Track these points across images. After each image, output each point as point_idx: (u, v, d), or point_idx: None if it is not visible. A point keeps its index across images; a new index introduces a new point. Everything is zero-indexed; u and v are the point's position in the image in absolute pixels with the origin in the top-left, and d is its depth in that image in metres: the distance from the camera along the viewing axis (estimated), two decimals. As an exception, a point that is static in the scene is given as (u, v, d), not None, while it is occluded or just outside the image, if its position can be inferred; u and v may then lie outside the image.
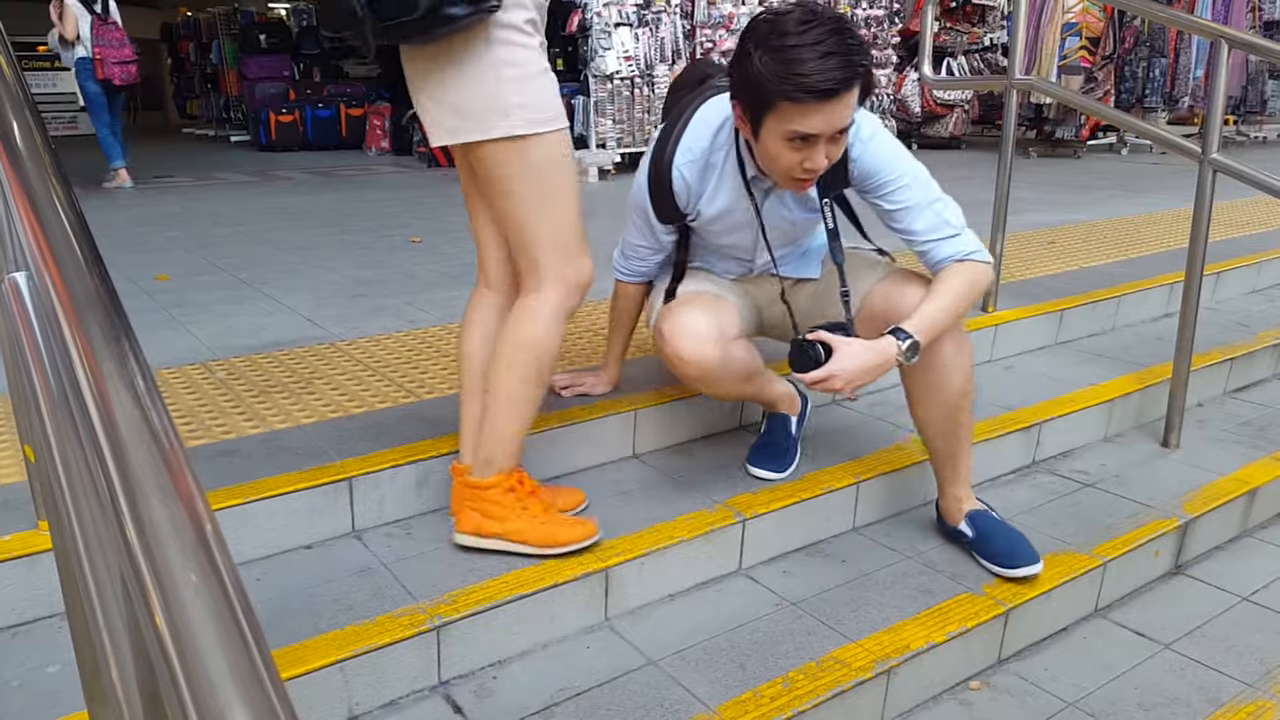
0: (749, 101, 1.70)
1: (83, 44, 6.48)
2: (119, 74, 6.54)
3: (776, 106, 1.65)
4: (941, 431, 1.99)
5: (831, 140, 1.69)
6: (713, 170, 1.93)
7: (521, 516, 1.78)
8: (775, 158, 1.73)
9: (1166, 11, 3.43)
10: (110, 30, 6.53)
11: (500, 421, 1.75)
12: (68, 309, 0.55)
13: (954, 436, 2.00)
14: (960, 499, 2.05)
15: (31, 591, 1.59)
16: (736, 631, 1.79)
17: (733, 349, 1.94)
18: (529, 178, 1.63)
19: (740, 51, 1.68)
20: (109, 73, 6.50)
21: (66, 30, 6.42)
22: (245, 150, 10.06)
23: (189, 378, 2.38)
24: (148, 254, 4.09)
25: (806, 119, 1.64)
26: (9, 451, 1.94)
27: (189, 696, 0.36)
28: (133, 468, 0.45)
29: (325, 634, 1.57)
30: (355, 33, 1.51)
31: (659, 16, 6.99)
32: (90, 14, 6.50)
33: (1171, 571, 2.28)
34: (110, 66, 6.49)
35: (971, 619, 1.83)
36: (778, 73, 1.60)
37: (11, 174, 0.68)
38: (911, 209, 1.88)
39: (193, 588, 0.40)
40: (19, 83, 0.84)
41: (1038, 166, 7.57)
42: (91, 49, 6.47)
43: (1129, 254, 3.96)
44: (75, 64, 6.57)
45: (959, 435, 2.00)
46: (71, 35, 6.43)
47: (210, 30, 12.49)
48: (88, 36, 6.46)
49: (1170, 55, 8.26)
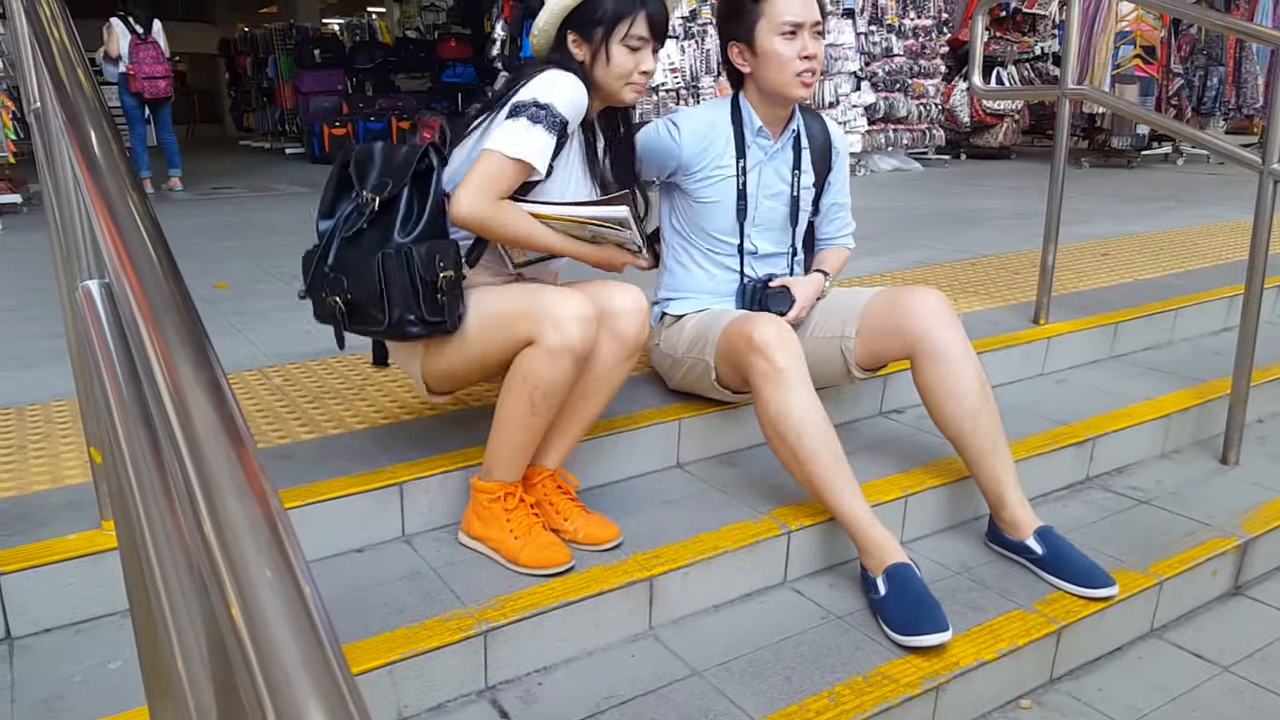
0: (743, 25, 2.07)
1: (122, 61, 7.05)
2: (148, 88, 7.09)
3: (764, 12, 2.03)
4: (980, 435, 2.00)
5: (813, 34, 2.04)
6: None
7: (502, 528, 1.82)
8: (778, 58, 2.05)
9: (1224, 19, 3.38)
10: (148, 49, 7.10)
11: (496, 435, 1.83)
12: (145, 313, 0.57)
13: (992, 438, 2.01)
14: (1022, 510, 2.02)
15: (94, 589, 1.64)
16: (782, 644, 1.78)
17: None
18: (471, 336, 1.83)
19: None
20: (139, 86, 7.07)
21: (110, 48, 7.02)
22: (299, 162, 10.26)
23: (247, 383, 2.43)
24: (207, 262, 4.19)
25: (790, 7, 2.02)
26: (74, 453, 2.00)
27: (264, 687, 0.38)
28: (210, 466, 0.47)
29: (376, 636, 1.59)
30: (335, 328, 1.83)
31: (705, 29, 7.01)
32: (131, 34, 7.06)
33: (1230, 592, 2.22)
34: (141, 81, 7.05)
35: (1023, 636, 1.80)
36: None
37: (90, 182, 0.71)
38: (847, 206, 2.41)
39: (268, 582, 0.41)
40: (96, 95, 0.87)
41: (1090, 177, 7.45)
42: (127, 65, 7.05)
43: (1186, 266, 3.89)
44: (117, 79, 7.15)
45: (996, 439, 2.01)
46: (115, 53, 7.02)
47: (267, 45, 12.76)
48: (126, 54, 7.04)
49: (1230, 63, 8.09)
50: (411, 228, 1.75)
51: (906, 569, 1.82)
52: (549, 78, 1.80)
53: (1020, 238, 4.36)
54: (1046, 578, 1.97)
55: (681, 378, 2.25)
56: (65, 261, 1.43)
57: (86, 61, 0.97)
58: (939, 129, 8.49)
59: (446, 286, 1.73)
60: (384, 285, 1.72)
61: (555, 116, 1.77)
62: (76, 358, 1.51)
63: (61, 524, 1.71)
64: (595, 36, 1.84)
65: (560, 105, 1.78)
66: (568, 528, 1.88)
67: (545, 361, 1.72)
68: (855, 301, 2.17)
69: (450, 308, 1.75)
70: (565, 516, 1.90)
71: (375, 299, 1.73)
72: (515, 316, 1.76)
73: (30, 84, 1.45)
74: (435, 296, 1.72)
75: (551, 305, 1.72)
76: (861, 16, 7.82)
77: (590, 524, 1.89)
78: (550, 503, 1.92)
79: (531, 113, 1.76)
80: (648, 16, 1.84)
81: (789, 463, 1.92)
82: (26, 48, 1.44)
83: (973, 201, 6.14)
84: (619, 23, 1.83)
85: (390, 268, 1.71)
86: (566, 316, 1.71)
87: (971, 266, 3.82)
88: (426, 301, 1.72)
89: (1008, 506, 2.03)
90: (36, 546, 1.64)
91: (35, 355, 2.71)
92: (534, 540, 1.80)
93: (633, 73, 1.86)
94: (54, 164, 1.35)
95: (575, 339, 1.71)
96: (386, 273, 1.71)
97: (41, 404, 2.30)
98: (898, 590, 1.80)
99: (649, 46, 1.87)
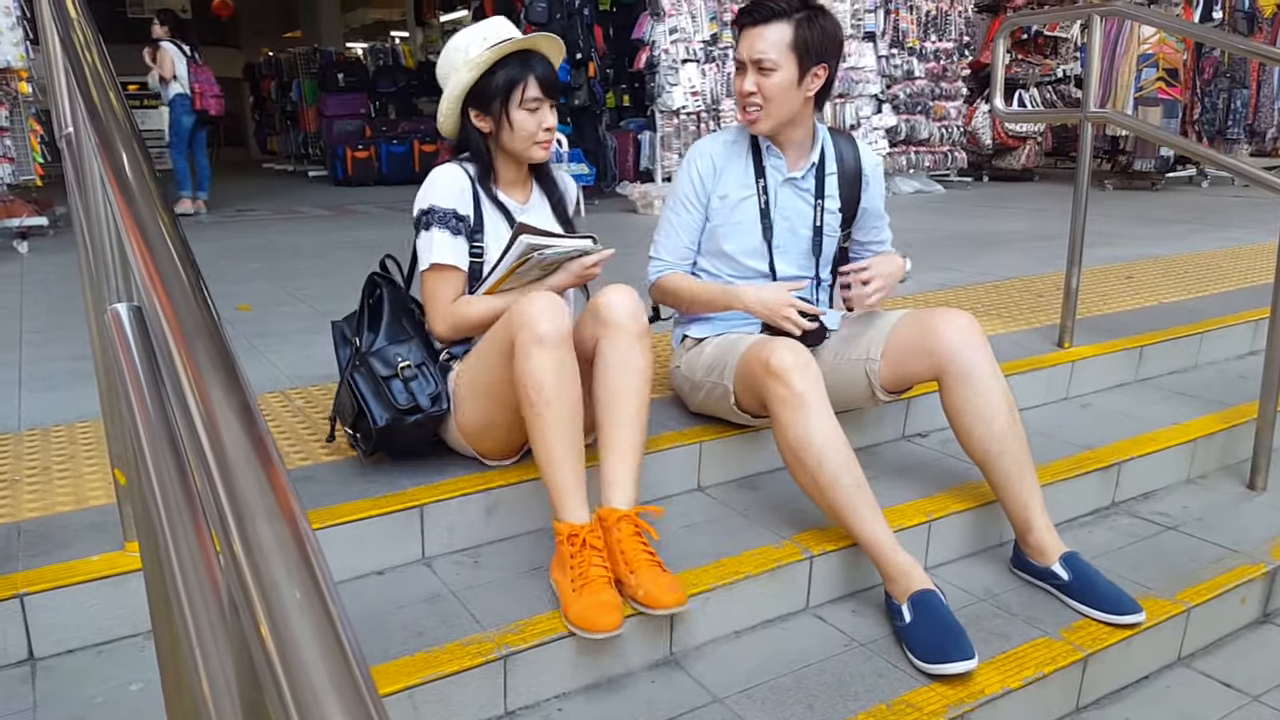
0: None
1: (179, 82, 7.26)
2: (215, 105, 7.39)
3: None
4: (1007, 459, 1.98)
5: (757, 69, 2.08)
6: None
7: (565, 573, 1.74)
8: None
9: (1246, 43, 3.36)
10: (203, 70, 7.38)
11: (537, 459, 1.83)
12: (177, 335, 0.57)
13: (1019, 462, 1.99)
14: (1049, 535, 2.00)
15: (117, 610, 1.65)
16: (804, 671, 1.76)
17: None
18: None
19: None
20: (205, 104, 7.34)
21: (165, 70, 7.20)
22: (322, 185, 10.36)
23: (269, 405, 2.45)
24: (230, 284, 4.23)
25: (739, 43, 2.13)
26: (98, 475, 2.02)
27: (293, 706, 0.38)
28: (240, 487, 0.47)
29: (396, 660, 1.59)
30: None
31: (725, 52, 7.06)
32: (186, 57, 7.29)
33: (1259, 620, 2.19)
34: (207, 99, 7.34)
35: (1048, 664, 1.78)
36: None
37: (124, 206, 0.72)
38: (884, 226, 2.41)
39: (297, 603, 0.41)
40: (128, 118, 0.89)
41: (1114, 199, 7.42)
42: (189, 85, 7.28)
43: (1211, 289, 3.85)
44: (172, 100, 7.33)
45: (1024, 463, 1.99)
46: (169, 75, 7.20)
47: (291, 69, 12.94)
48: (184, 75, 7.27)
49: (1253, 86, 8.05)
50: (371, 342, 2.00)
51: (932, 595, 1.80)
52: (426, 183, 2.05)
53: (1043, 260, 4.34)
54: (1072, 604, 1.95)
55: (701, 401, 2.25)
56: (94, 284, 1.45)
57: (119, 86, 0.98)
58: (961, 151, 8.49)
59: (406, 375, 1.93)
60: (360, 399, 1.93)
61: (440, 212, 2.00)
62: (103, 379, 1.53)
63: (85, 545, 1.72)
64: (494, 108, 2.02)
65: (439, 200, 2.01)
66: (630, 581, 1.72)
67: (522, 356, 1.77)
68: (881, 324, 2.15)
69: (416, 391, 1.93)
70: (632, 568, 1.73)
71: (360, 414, 1.94)
72: (496, 332, 1.88)
73: (63, 108, 1.47)
74: (403, 386, 1.92)
75: (516, 306, 1.82)
76: (883, 40, 7.85)
77: (657, 584, 1.70)
78: (622, 550, 1.75)
79: (424, 221, 2.01)
80: (537, 79, 2.00)
81: (810, 488, 1.91)
82: (60, 73, 1.46)
83: (995, 224, 6.12)
84: (513, 90, 2.00)
85: (358, 380, 1.94)
86: (528, 311, 1.78)
87: (995, 289, 3.80)
88: (395, 393, 1.91)
89: (1034, 531, 2.00)
90: (60, 567, 1.65)
91: (60, 377, 2.74)
92: (588, 596, 1.68)
93: (537, 132, 2.03)
94: (85, 188, 1.36)
95: (542, 327, 1.76)
96: (356, 385, 1.93)
97: (66, 425, 2.32)
98: (923, 617, 1.78)
99: (546, 104, 2.03)
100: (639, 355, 1.86)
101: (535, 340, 1.75)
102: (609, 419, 1.84)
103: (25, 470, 2.05)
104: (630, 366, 1.85)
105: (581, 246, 1.99)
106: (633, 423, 1.84)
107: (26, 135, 5.67)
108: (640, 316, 1.89)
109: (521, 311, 1.79)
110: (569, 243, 1.99)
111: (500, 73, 1.99)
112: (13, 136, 5.57)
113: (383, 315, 2.03)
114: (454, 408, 1.98)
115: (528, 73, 1.99)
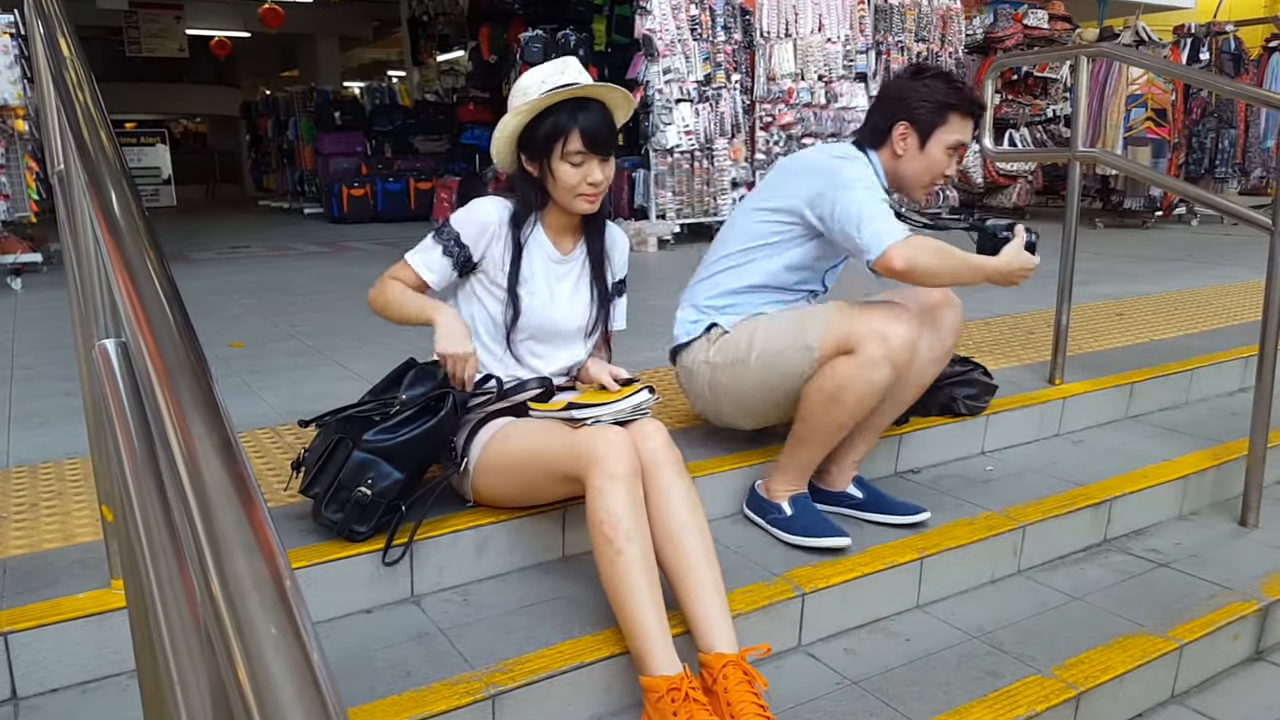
0: (924, 118, 2.18)
1: None
2: None
3: (949, 120, 2.17)
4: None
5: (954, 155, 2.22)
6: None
7: None
8: (935, 164, 2.21)
9: (1233, 84, 3.41)
10: None
11: (612, 603, 1.70)
12: (160, 372, 0.58)
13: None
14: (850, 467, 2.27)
15: (102, 649, 1.63)
16: (794, 710, 1.74)
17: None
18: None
19: (907, 84, 2.21)
20: None
21: None
22: (318, 222, 10.41)
23: (259, 441, 2.44)
24: (223, 321, 4.23)
25: (964, 129, 2.20)
26: (85, 511, 2.00)
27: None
28: (218, 524, 0.47)
29: (383, 699, 1.57)
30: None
31: (719, 92, 7.13)
32: None
33: (1252, 657, 2.18)
34: None
35: (1041, 703, 1.76)
36: (948, 92, 2.17)
37: (111, 244, 0.72)
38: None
39: (273, 641, 0.41)
40: (118, 157, 0.89)
41: (1105, 237, 7.48)
42: None
43: (1201, 326, 3.88)
44: None
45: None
46: None
47: (288, 108, 13.03)
48: None
49: (1240, 126, 8.16)
50: (384, 439, 1.85)
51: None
52: (465, 205, 2.05)
53: (1035, 297, 4.36)
54: (869, 518, 2.23)
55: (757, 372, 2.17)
56: (83, 320, 1.45)
57: (110, 125, 0.99)
58: (952, 190, 8.56)
59: (354, 500, 1.81)
60: (325, 460, 1.86)
61: (450, 234, 2.00)
62: (92, 416, 1.53)
63: (71, 582, 1.70)
64: (539, 156, 1.97)
65: (457, 224, 2.01)
66: None
67: (597, 494, 1.69)
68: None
69: (343, 522, 1.82)
70: (736, 716, 1.58)
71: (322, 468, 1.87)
72: (551, 451, 1.83)
73: (55, 146, 1.49)
74: (344, 499, 1.81)
75: (586, 441, 1.75)
76: (874, 80, 7.94)
77: None
78: (729, 701, 1.59)
79: (438, 230, 2.02)
80: (580, 132, 1.92)
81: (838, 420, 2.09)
82: (53, 111, 1.47)
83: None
84: (554, 142, 1.93)
85: (337, 451, 1.86)
86: (599, 449, 1.71)
87: (986, 325, 3.82)
88: (332, 499, 1.82)
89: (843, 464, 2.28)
90: (45, 605, 1.63)
91: (51, 413, 2.73)
92: None
93: (580, 185, 1.96)
94: (75, 225, 1.37)
95: (619, 465, 1.69)
96: (332, 452, 1.86)
97: (55, 462, 2.31)
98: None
99: (592, 159, 1.94)
100: (691, 488, 1.80)
101: (608, 476, 1.68)
102: (682, 557, 1.73)
103: (13, 507, 2.04)
104: (691, 500, 1.78)
105: (638, 404, 1.88)
106: (709, 556, 1.75)
107: (22, 172, 5.70)
108: (674, 445, 1.82)
109: (592, 448, 1.71)
110: (623, 404, 1.87)
111: (548, 120, 1.92)
112: (8, 173, 5.59)
113: (419, 427, 1.88)
114: (473, 467, 1.95)
115: (573, 125, 1.90)
